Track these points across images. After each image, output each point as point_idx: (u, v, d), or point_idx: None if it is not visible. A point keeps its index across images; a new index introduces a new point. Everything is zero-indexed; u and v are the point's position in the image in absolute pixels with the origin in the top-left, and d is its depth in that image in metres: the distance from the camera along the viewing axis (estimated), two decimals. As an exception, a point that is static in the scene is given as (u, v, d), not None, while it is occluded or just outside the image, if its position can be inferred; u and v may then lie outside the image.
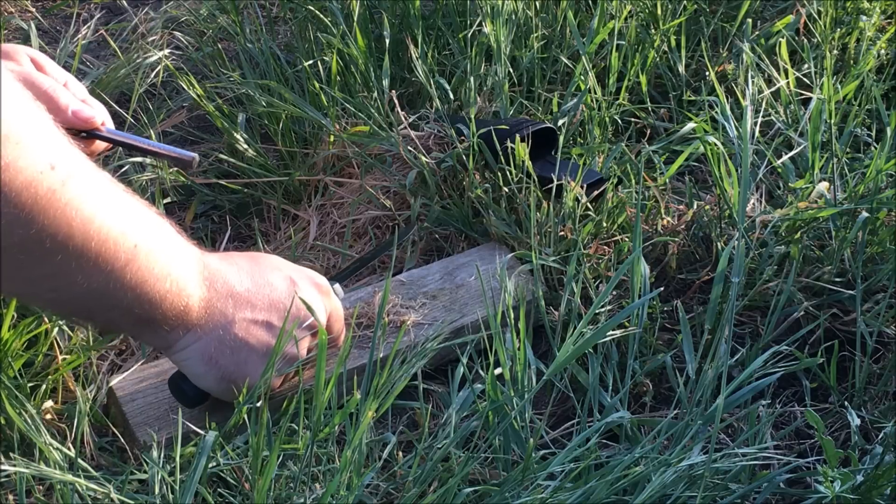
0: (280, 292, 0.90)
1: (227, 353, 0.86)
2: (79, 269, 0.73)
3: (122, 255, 0.75)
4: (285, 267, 0.93)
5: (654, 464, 0.83)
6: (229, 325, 0.86)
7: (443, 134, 1.25)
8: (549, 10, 1.44)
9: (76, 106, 1.00)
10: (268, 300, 0.89)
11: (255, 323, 0.87)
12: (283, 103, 1.29)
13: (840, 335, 1.08)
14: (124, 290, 0.77)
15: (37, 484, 0.86)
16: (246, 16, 1.51)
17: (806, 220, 1.12)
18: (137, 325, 0.82)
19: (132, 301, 0.78)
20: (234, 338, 0.86)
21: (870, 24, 1.45)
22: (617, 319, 0.85)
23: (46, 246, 0.70)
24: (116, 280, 0.76)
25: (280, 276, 0.91)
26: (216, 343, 0.86)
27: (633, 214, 1.14)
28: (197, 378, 0.88)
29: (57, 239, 0.70)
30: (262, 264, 0.91)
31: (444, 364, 1.04)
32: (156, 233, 0.80)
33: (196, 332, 0.85)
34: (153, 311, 0.81)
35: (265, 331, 0.88)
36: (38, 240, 0.69)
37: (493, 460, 0.90)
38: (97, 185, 0.74)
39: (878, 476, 0.84)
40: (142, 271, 0.77)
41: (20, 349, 0.94)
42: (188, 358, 0.86)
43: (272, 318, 0.88)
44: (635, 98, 1.41)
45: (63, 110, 0.99)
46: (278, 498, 0.82)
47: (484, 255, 1.14)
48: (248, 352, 0.87)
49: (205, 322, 0.85)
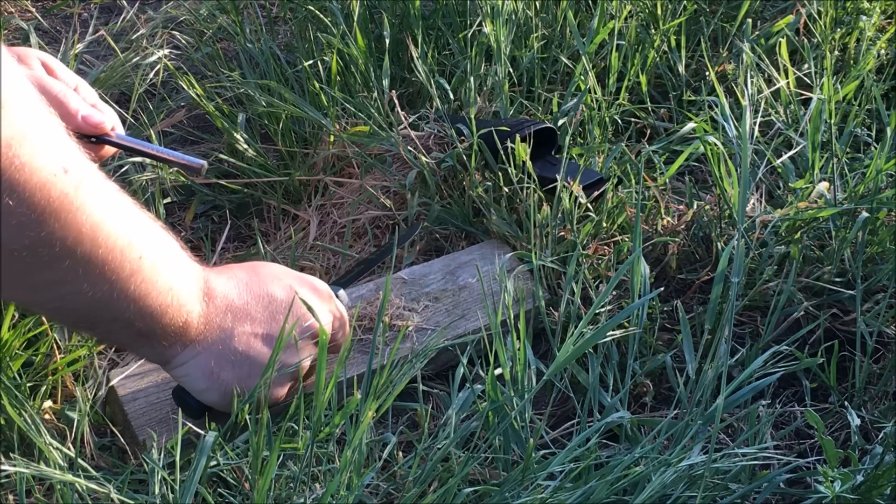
0: (280, 303, 0.89)
1: (227, 367, 0.86)
2: (85, 276, 0.73)
3: (128, 265, 0.75)
4: (285, 276, 0.91)
5: (654, 464, 0.83)
6: (229, 340, 0.85)
7: (443, 134, 1.25)
8: (549, 10, 1.44)
9: (86, 111, 0.99)
10: (268, 312, 0.88)
11: (255, 336, 0.87)
12: (283, 103, 1.29)
13: (840, 335, 1.08)
14: (127, 301, 0.77)
15: (37, 484, 0.86)
16: (246, 16, 1.51)
17: (806, 220, 1.12)
18: (138, 338, 0.81)
19: (134, 313, 0.78)
20: (234, 351, 0.86)
21: (870, 24, 1.45)
22: (617, 320, 0.85)
23: (55, 250, 0.69)
24: (121, 290, 0.76)
25: (280, 285, 0.90)
26: (216, 358, 0.85)
27: (632, 214, 1.14)
28: (199, 394, 0.87)
29: (66, 243, 0.70)
30: (261, 275, 0.90)
31: (445, 369, 1.04)
32: (161, 246, 0.80)
33: (195, 348, 0.84)
34: (154, 325, 0.80)
35: (266, 344, 0.87)
36: (47, 243, 0.69)
37: (493, 460, 0.90)
38: (107, 193, 0.74)
39: (878, 476, 0.84)
40: (146, 283, 0.77)
41: (20, 349, 0.94)
42: (188, 374, 0.86)
43: (273, 331, 0.87)
44: (635, 98, 1.41)
45: (73, 115, 0.98)
46: (278, 498, 0.82)
47: (485, 253, 1.14)
48: (251, 366, 0.86)
49: (203, 337, 0.84)
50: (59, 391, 0.96)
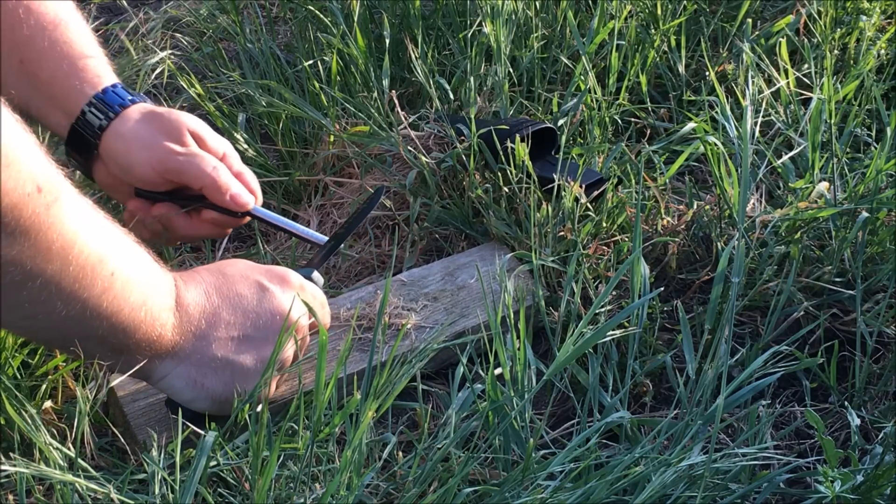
0: (250, 302, 0.88)
1: (210, 374, 0.86)
2: (57, 294, 0.73)
3: (100, 282, 0.75)
4: (252, 272, 0.91)
5: (654, 464, 0.83)
6: (206, 347, 0.85)
7: (443, 134, 1.25)
8: (549, 10, 1.44)
9: (236, 190, 1.03)
10: (240, 313, 0.88)
11: (231, 340, 0.87)
12: (283, 103, 1.29)
13: (840, 335, 1.08)
14: (100, 318, 0.76)
15: (37, 484, 0.86)
16: (246, 16, 1.51)
17: (806, 220, 1.12)
18: (113, 353, 0.81)
19: (107, 330, 0.78)
20: (213, 358, 0.86)
21: (870, 24, 1.45)
22: (617, 320, 0.85)
23: (27, 269, 0.69)
24: (93, 308, 0.75)
25: (247, 284, 0.89)
26: (196, 367, 0.85)
27: (632, 214, 1.14)
28: (188, 404, 0.87)
29: (36, 261, 0.69)
30: (228, 276, 0.89)
31: (444, 367, 1.04)
32: (133, 260, 0.79)
33: (173, 360, 0.84)
34: (127, 341, 0.80)
35: (244, 345, 0.87)
36: (18, 262, 0.68)
37: (493, 460, 0.90)
38: (79, 210, 0.74)
39: (878, 476, 0.84)
40: (117, 300, 0.77)
41: (19, 348, 0.94)
42: (172, 386, 0.86)
43: (248, 331, 0.87)
44: (635, 98, 1.41)
45: (223, 192, 1.02)
46: (278, 498, 0.82)
47: (485, 255, 1.14)
48: (232, 370, 0.86)
49: (180, 348, 0.84)
50: (60, 391, 0.96)
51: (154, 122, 1.02)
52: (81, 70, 1.00)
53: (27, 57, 0.98)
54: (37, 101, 1.01)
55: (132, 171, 1.02)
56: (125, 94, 1.02)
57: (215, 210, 1.04)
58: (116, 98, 1.01)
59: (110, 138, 1.00)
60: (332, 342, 1.02)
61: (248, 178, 1.06)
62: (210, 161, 1.02)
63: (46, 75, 0.99)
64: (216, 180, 1.01)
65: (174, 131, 1.02)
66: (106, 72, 1.03)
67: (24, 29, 0.98)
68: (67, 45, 1.00)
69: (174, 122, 1.02)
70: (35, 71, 0.99)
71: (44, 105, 1.01)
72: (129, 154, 1.01)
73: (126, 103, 1.01)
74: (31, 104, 1.01)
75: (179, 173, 1.01)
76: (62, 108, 1.01)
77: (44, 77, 0.99)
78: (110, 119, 1.00)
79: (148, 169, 1.01)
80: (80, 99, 1.00)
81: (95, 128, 1.00)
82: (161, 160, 1.00)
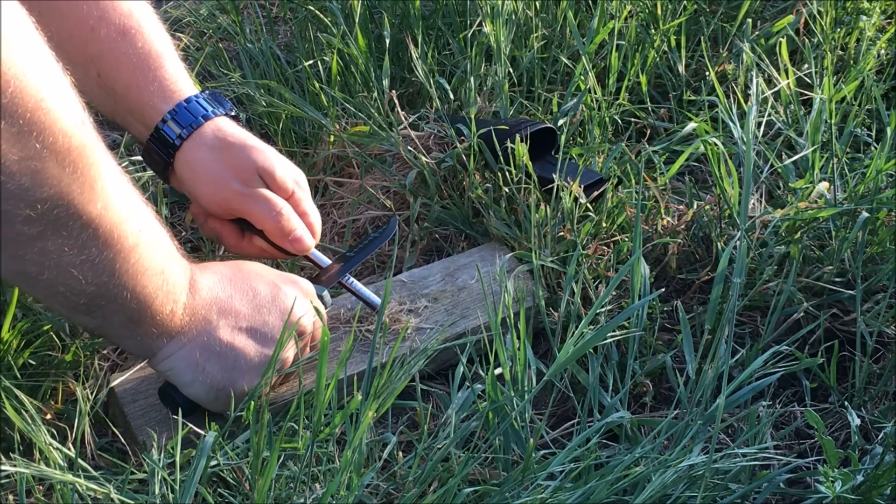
0: (263, 298, 0.90)
1: (213, 359, 0.87)
2: (94, 239, 0.73)
3: (131, 236, 0.76)
4: (268, 273, 0.93)
5: (654, 464, 0.83)
6: (213, 332, 0.87)
7: (443, 134, 1.25)
8: (549, 10, 1.44)
9: (298, 234, 1.01)
10: (252, 306, 0.89)
11: (239, 329, 0.88)
12: (283, 103, 1.29)
13: (840, 335, 1.08)
14: (126, 275, 0.77)
15: (37, 484, 0.86)
16: (246, 16, 1.51)
17: (806, 220, 1.12)
18: (128, 325, 0.81)
19: (130, 293, 0.78)
20: (219, 343, 0.87)
21: (870, 24, 1.45)
22: (618, 321, 0.85)
23: (71, 206, 0.70)
24: (122, 262, 0.76)
25: (263, 282, 0.91)
26: (201, 350, 0.86)
27: (632, 214, 1.14)
28: (185, 387, 0.88)
29: (80, 199, 0.70)
30: (244, 271, 0.91)
31: (444, 368, 1.04)
32: (155, 228, 0.80)
33: (180, 340, 0.85)
34: (145, 309, 0.80)
35: (250, 337, 0.88)
36: (65, 197, 0.69)
37: (493, 460, 0.90)
38: (112, 165, 0.74)
39: (878, 476, 0.84)
40: (143, 259, 0.78)
41: (20, 348, 0.94)
42: (173, 367, 0.86)
43: (256, 324, 0.89)
44: (635, 98, 1.41)
45: (285, 236, 1.01)
46: (278, 498, 0.82)
47: (485, 255, 1.14)
48: (235, 357, 0.87)
49: (188, 329, 0.85)
50: (60, 391, 0.96)
51: (225, 154, 1.00)
52: (155, 82, 0.99)
53: (103, 71, 0.98)
54: (118, 112, 1.01)
55: (198, 200, 1.02)
56: (198, 110, 1.00)
57: (273, 246, 1.03)
58: (188, 116, 0.99)
59: (181, 163, 1.00)
60: (333, 342, 1.02)
61: (313, 219, 1.04)
62: (275, 205, 1.00)
63: (122, 88, 0.99)
64: (278, 225, 1.00)
65: (243, 171, 1.00)
66: (181, 81, 1.01)
67: (97, 42, 0.97)
68: (140, 55, 0.99)
69: (244, 160, 1.00)
70: (111, 85, 0.99)
71: (124, 116, 1.01)
72: (195, 185, 1.01)
73: (199, 121, 1.00)
74: (115, 115, 1.02)
75: (243, 213, 1.01)
76: (140, 121, 1.01)
77: (119, 90, 0.99)
78: (182, 139, 0.99)
79: (213, 204, 1.01)
80: (155, 115, 0.99)
81: (168, 146, 1.00)
82: (226, 199, 1.00)
